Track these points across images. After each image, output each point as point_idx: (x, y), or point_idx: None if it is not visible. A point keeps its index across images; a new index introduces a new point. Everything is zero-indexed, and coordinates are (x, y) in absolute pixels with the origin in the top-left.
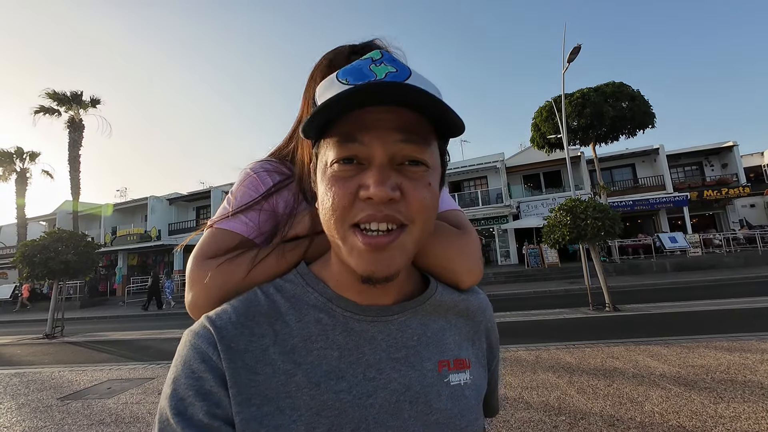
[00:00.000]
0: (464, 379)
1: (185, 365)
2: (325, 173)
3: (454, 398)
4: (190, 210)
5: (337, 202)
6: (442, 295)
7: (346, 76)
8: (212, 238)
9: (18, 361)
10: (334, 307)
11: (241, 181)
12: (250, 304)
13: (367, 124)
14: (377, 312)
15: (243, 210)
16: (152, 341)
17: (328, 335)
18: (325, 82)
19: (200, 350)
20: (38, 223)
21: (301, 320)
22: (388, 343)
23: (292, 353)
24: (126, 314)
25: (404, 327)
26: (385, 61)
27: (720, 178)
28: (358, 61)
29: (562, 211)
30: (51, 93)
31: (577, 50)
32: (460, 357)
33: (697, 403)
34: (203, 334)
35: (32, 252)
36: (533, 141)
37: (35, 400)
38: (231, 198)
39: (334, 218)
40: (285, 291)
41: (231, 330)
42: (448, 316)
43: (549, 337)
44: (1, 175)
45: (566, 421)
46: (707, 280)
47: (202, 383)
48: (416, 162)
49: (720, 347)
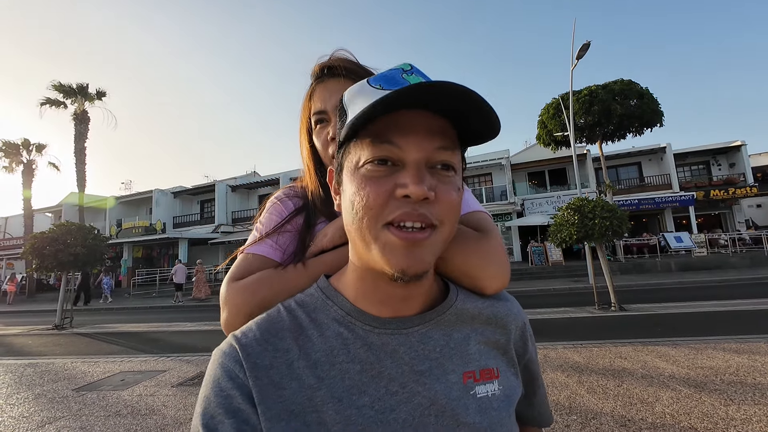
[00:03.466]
0: (492, 390)
1: (214, 384)
2: (355, 173)
3: (483, 411)
4: (194, 203)
5: (372, 200)
6: (464, 303)
7: (379, 82)
8: (242, 262)
9: (30, 351)
10: (353, 320)
11: (267, 208)
12: (273, 321)
13: (403, 127)
14: (397, 324)
15: (269, 234)
16: (162, 333)
17: (350, 349)
18: (355, 87)
19: (227, 368)
20: (44, 214)
21: (323, 334)
22: (411, 356)
23: (316, 368)
24: (132, 306)
25: (426, 339)
26: (415, 72)
27: (727, 178)
28: (387, 70)
29: (569, 210)
30: (57, 85)
31: (586, 47)
32: (488, 366)
33: (707, 405)
34: (230, 352)
35: (42, 244)
36: (539, 138)
37: (51, 391)
38: (259, 225)
39: (368, 216)
40: (306, 306)
41: (256, 347)
42: (474, 324)
43: (556, 336)
44: (7, 167)
45: (578, 420)
46: (713, 280)
47: (231, 401)
48: (447, 166)
49: (728, 349)
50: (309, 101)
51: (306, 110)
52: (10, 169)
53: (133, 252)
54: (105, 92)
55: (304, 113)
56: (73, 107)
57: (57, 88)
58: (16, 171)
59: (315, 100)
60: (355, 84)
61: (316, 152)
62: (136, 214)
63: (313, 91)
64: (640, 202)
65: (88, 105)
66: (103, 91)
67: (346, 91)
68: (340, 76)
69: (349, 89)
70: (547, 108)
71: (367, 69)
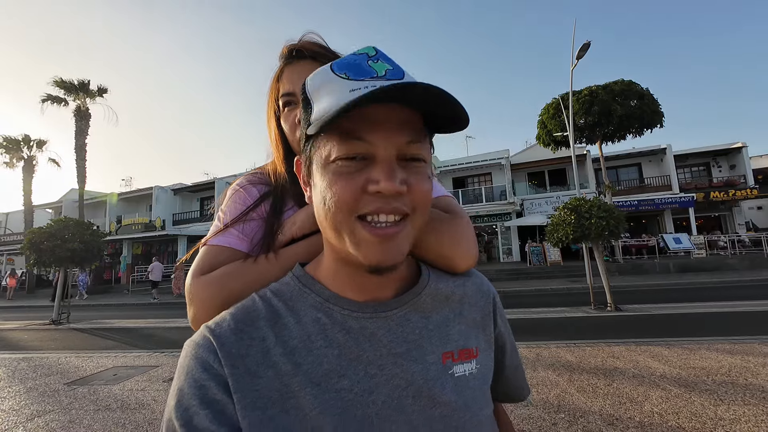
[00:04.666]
0: (470, 369)
1: (188, 375)
2: (326, 168)
3: (459, 390)
4: (194, 200)
5: (345, 196)
6: (437, 283)
7: (344, 70)
8: (206, 254)
9: (25, 346)
10: (331, 306)
11: (229, 196)
12: (247, 311)
13: (371, 121)
14: (375, 308)
15: (233, 223)
16: (156, 329)
17: (327, 334)
18: (318, 75)
19: (202, 359)
20: (44, 210)
21: (300, 321)
22: (389, 339)
23: (293, 354)
24: (130, 302)
25: (404, 321)
26: (381, 58)
27: (727, 180)
28: (351, 55)
29: (566, 209)
30: (59, 81)
31: (586, 47)
32: (467, 347)
33: (697, 405)
34: (203, 343)
35: (39, 239)
36: (539, 138)
37: (42, 385)
38: (221, 215)
39: (341, 211)
40: (282, 294)
41: (230, 336)
42: (451, 305)
43: (550, 335)
44: (8, 163)
45: (565, 418)
46: (711, 282)
47: (206, 391)
48: (417, 158)
49: (722, 350)
50: (277, 83)
51: (273, 92)
52: (11, 164)
53: (132, 248)
54: (106, 89)
55: (272, 95)
56: (75, 104)
57: (59, 84)
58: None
59: (283, 81)
60: (317, 69)
61: (284, 134)
62: (136, 211)
63: (281, 73)
64: (639, 203)
65: (89, 101)
66: (105, 88)
67: (308, 78)
68: (309, 58)
69: (312, 76)
70: (547, 108)
71: (336, 53)
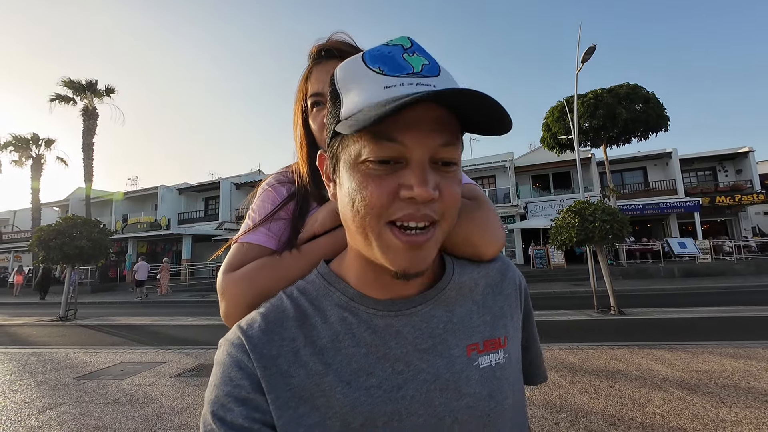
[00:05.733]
0: (496, 359)
1: (224, 373)
2: (355, 169)
3: (484, 381)
4: (199, 200)
5: (375, 200)
6: (461, 276)
7: (378, 64)
8: (236, 251)
9: (34, 341)
10: (356, 305)
11: (259, 195)
12: (276, 310)
13: (406, 123)
14: (400, 306)
15: (262, 222)
16: (162, 327)
17: (354, 333)
18: (349, 66)
19: (236, 358)
20: (52, 208)
21: (327, 321)
22: (414, 336)
23: (322, 354)
24: (135, 300)
25: (429, 317)
26: (417, 51)
27: (734, 184)
28: (384, 46)
29: (570, 212)
30: (67, 81)
31: (591, 50)
32: (493, 337)
33: (698, 407)
34: (237, 343)
35: (48, 236)
36: (543, 141)
37: (53, 379)
38: (251, 213)
39: (370, 216)
40: (308, 293)
41: (262, 337)
42: (475, 296)
43: (552, 338)
44: (17, 161)
45: (567, 418)
46: (716, 287)
47: (240, 390)
48: (449, 162)
49: (725, 353)
50: (305, 82)
51: (302, 91)
52: (19, 163)
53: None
54: (114, 89)
55: (300, 94)
56: (82, 103)
57: (67, 84)
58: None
59: (312, 81)
60: (347, 59)
61: (309, 134)
62: (142, 210)
63: (310, 73)
64: (644, 207)
65: (96, 101)
66: (112, 88)
67: (338, 68)
68: (338, 58)
69: (343, 67)
70: (551, 111)
71: None
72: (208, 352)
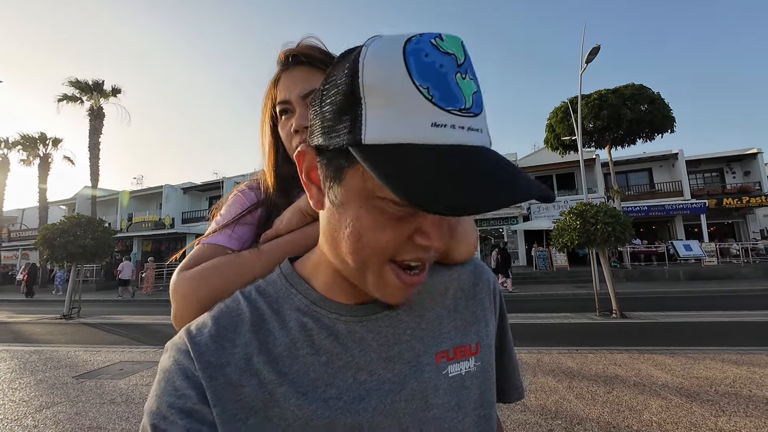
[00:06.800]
0: (466, 367)
1: (168, 381)
2: (368, 201)
3: (452, 391)
4: (203, 199)
5: (391, 245)
6: (432, 279)
7: (428, 83)
8: (195, 251)
9: (36, 339)
10: (318, 309)
11: (228, 200)
12: (230, 314)
13: None
14: (365, 311)
15: (227, 225)
16: (163, 326)
17: (314, 340)
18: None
19: (182, 366)
20: (59, 207)
21: (285, 327)
22: (379, 342)
23: (277, 363)
24: (138, 299)
25: (396, 322)
26: (469, 70)
27: (741, 186)
28: (435, 50)
29: (572, 214)
30: (74, 81)
31: (596, 51)
32: (464, 344)
33: (697, 415)
34: (183, 349)
35: (52, 235)
36: (547, 142)
37: (52, 377)
38: (218, 217)
39: (378, 256)
40: (267, 294)
41: (210, 344)
42: (446, 300)
43: (552, 341)
44: (25, 160)
45: (562, 425)
46: (722, 290)
47: (185, 401)
48: None
49: (727, 360)
50: (274, 88)
51: (270, 98)
52: (27, 162)
53: (142, 246)
54: (120, 89)
55: (268, 101)
56: (89, 103)
57: (73, 84)
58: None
59: (280, 88)
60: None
61: (278, 141)
62: (147, 209)
63: (278, 79)
64: (649, 208)
65: (103, 101)
66: (118, 88)
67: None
68: (306, 64)
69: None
70: (555, 111)
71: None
72: None
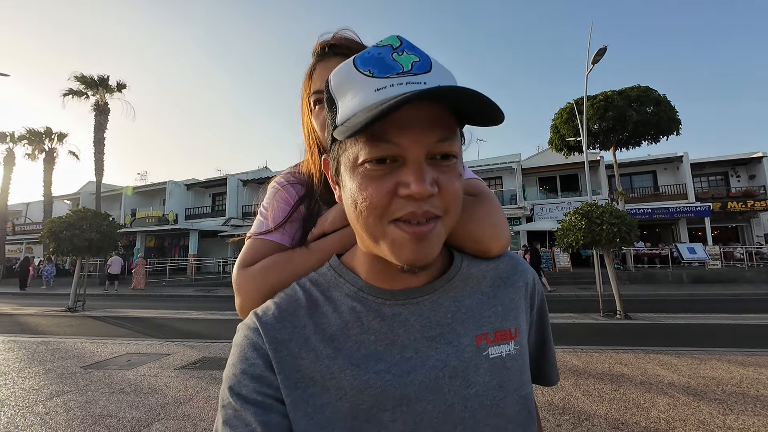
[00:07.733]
0: (507, 350)
1: (240, 353)
2: (355, 171)
3: (494, 371)
4: (206, 196)
5: (376, 200)
6: (470, 268)
7: (368, 67)
8: (251, 247)
9: (43, 330)
10: (365, 295)
11: (272, 194)
12: (290, 300)
13: (400, 123)
14: (407, 295)
15: (279, 225)
16: (168, 320)
17: (363, 321)
18: (341, 72)
19: (251, 340)
20: (63, 201)
21: (337, 310)
22: (422, 324)
23: (332, 340)
24: (142, 293)
25: (436, 306)
26: (406, 49)
27: (746, 190)
28: (374, 48)
29: (577, 215)
30: (79, 76)
31: (602, 52)
32: (504, 328)
33: (705, 414)
34: (252, 327)
35: (59, 228)
36: (551, 143)
37: (60, 367)
38: (265, 211)
39: (373, 216)
40: (320, 284)
41: (275, 324)
42: (484, 287)
43: (556, 340)
44: (30, 154)
45: (570, 420)
46: (726, 293)
47: (254, 368)
48: (447, 156)
49: (734, 361)
50: (309, 80)
51: (306, 89)
52: (33, 156)
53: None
54: (125, 84)
55: (305, 92)
56: (94, 98)
57: (79, 79)
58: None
59: (315, 79)
60: (339, 65)
61: None
62: (150, 205)
63: (314, 70)
64: (653, 211)
65: (108, 96)
66: (123, 83)
67: (331, 75)
68: (343, 55)
69: (335, 73)
70: (560, 112)
71: None
72: (212, 345)
